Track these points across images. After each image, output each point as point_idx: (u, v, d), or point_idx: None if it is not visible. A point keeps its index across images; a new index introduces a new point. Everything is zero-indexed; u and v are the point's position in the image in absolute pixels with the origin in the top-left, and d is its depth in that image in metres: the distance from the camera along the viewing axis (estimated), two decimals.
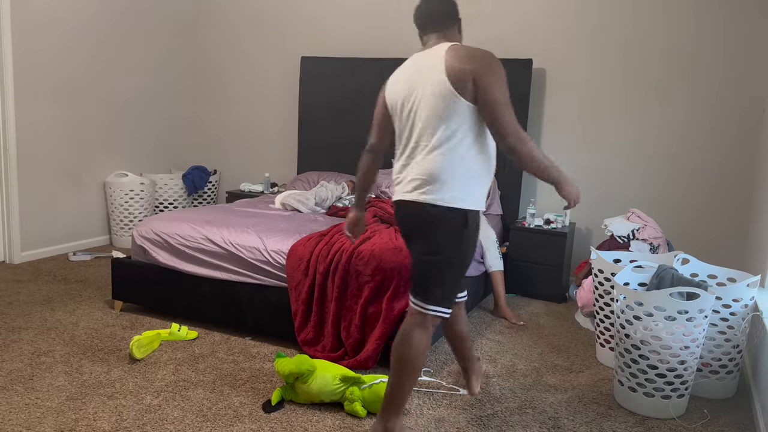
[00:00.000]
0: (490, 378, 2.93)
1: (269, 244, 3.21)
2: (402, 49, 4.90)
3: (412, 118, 2.16)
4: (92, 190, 5.08)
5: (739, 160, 4.05)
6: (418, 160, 2.13)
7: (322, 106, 5.15)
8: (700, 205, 4.18)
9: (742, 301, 2.70)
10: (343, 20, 5.14)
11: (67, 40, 4.70)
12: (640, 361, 2.60)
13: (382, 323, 2.87)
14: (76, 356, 2.95)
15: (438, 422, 2.50)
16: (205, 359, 2.99)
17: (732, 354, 2.77)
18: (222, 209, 3.89)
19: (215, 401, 2.58)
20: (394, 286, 2.90)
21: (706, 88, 4.10)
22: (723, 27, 4.01)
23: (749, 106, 4.00)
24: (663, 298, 2.51)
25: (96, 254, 4.77)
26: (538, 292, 4.19)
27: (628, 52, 4.27)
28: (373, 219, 3.63)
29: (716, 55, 4.05)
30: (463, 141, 2.08)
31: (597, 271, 3.11)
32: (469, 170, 2.11)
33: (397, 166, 2.24)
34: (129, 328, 3.34)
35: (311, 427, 2.42)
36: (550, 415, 2.61)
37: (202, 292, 3.34)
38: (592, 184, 4.47)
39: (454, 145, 2.08)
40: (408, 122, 2.18)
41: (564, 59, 4.46)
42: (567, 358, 3.24)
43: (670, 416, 2.62)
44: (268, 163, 5.64)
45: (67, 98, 4.77)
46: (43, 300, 3.73)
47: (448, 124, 2.07)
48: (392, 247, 3.00)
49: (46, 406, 2.48)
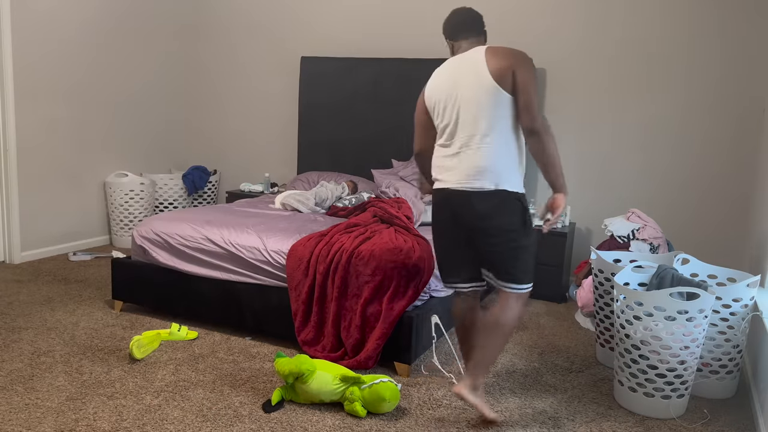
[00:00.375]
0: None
1: (269, 244, 3.21)
2: (402, 49, 4.90)
3: (457, 114, 2.39)
4: (92, 190, 5.08)
5: (739, 160, 4.05)
6: (470, 153, 2.37)
7: (322, 106, 5.15)
8: (700, 205, 4.19)
9: (742, 301, 2.70)
10: (343, 20, 5.14)
11: (67, 40, 4.70)
12: (640, 361, 2.60)
13: (382, 323, 2.87)
14: (76, 356, 2.95)
15: (438, 422, 2.50)
16: (205, 359, 2.99)
17: (732, 354, 2.77)
18: (222, 209, 3.89)
19: (215, 401, 2.58)
20: (394, 286, 2.90)
21: (706, 88, 4.10)
22: (721, 26, 4.01)
23: (749, 107, 4.00)
24: (663, 298, 2.51)
25: (96, 254, 4.77)
26: (538, 292, 4.19)
27: (628, 53, 4.27)
28: (373, 219, 3.63)
29: (716, 56, 4.05)
30: (507, 131, 2.36)
31: (597, 271, 3.11)
32: (514, 158, 2.39)
33: (443, 159, 2.45)
34: (129, 328, 3.34)
35: (311, 427, 2.42)
36: (550, 415, 2.61)
37: (202, 292, 3.34)
38: (592, 184, 4.47)
39: (500, 135, 2.35)
40: (453, 117, 2.40)
41: (564, 59, 4.46)
42: (567, 358, 3.24)
43: (670, 416, 2.62)
44: (268, 163, 5.64)
45: (68, 98, 4.77)
46: (43, 300, 3.73)
47: (498, 116, 2.34)
48: (392, 247, 2.99)
49: (46, 406, 2.48)
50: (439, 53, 4.74)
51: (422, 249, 3.01)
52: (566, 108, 4.49)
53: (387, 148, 4.90)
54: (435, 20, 4.81)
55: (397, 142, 4.87)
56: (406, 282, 2.90)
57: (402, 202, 3.93)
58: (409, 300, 2.88)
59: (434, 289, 3.13)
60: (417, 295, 2.91)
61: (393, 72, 4.82)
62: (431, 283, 3.07)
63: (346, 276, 3.00)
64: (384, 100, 4.89)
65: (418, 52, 4.84)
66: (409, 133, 4.81)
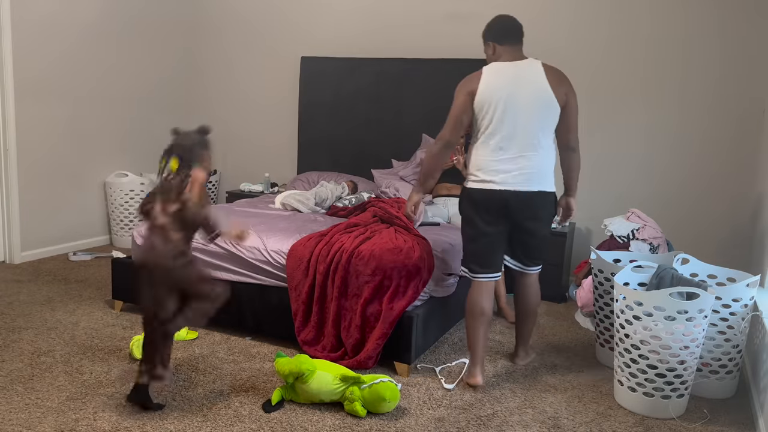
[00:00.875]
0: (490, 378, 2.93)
1: (269, 244, 3.21)
2: (402, 49, 4.90)
3: (517, 120, 2.65)
4: (92, 190, 5.09)
5: (739, 160, 4.05)
6: (532, 158, 2.68)
7: (322, 106, 5.15)
8: (700, 205, 4.18)
9: (742, 301, 2.70)
10: (343, 20, 5.14)
11: (67, 40, 4.70)
12: (639, 361, 2.60)
13: (382, 323, 2.87)
14: (76, 356, 2.95)
15: (438, 422, 2.50)
16: (205, 359, 2.99)
17: (732, 354, 2.77)
18: (222, 209, 3.90)
19: (215, 401, 2.58)
20: (394, 286, 2.90)
21: (706, 88, 4.10)
22: (721, 26, 4.01)
23: (749, 107, 4.00)
24: (663, 298, 2.51)
25: (96, 254, 4.77)
26: None
27: (628, 53, 4.27)
28: (373, 219, 3.63)
29: (716, 56, 4.05)
30: (552, 141, 2.76)
31: (597, 271, 3.11)
32: (554, 164, 2.78)
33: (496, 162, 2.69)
34: (129, 328, 3.34)
35: (311, 427, 2.42)
36: (550, 415, 2.61)
37: None
38: (592, 184, 4.47)
39: (550, 143, 2.74)
40: (513, 123, 2.66)
41: (563, 59, 4.43)
42: (567, 358, 3.24)
43: (669, 416, 2.62)
44: (268, 163, 5.64)
45: (68, 98, 4.77)
46: (43, 300, 3.73)
47: (548, 127, 2.71)
48: (392, 247, 3.00)
49: (46, 406, 2.48)
50: (439, 53, 4.74)
51: (422, 249, 3.01)
52: None
53: (387, 148, 4.90)
54: (435, 20, 4.81)
55: (397, 142, 4.87)
56: (406, 282, 2.90)
57: (402, 202, 3.93)
58: (409, 300, 2.88)
59: (434, 289, 3.13)
60: (417, 295, 2.91)
61: (393, 72, 4.82)
62: (431, 283, 3.07)
63: (346, 276, 3.00)
64: (384, 100, 4.89)
65: (418, 52, 4.84)
66: (409, 133, 4.82)
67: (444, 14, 4.79)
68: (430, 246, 3.11)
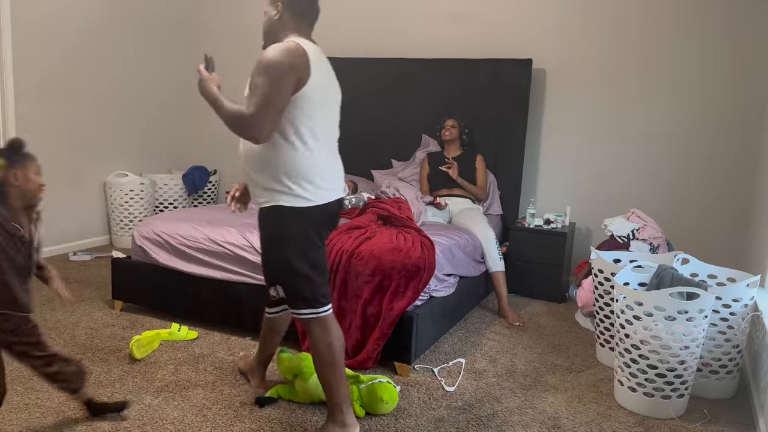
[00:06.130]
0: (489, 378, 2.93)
1: None
2: (403, 49, 4.90)
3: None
4: (92, 190, 5.08)
5: (739, 160, 4.05)
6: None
7: None
8: (700, 204, 4.18)
9: (742, 301, 2.70)
10: (344, 20, 5.14)
11: (67, 40, 4.70)
12: (639, 361, 2.60)
13: (381, 323, 2.86)
14: (76, 356, 2.95)
15: (438, 422, 2.50)
16: (205, 359, 2.99)
17: (732, 354, 2.77)
18: (222, 209, 3.89)
19: (215, 401, 2.58)
20: (394, 286, 2.89)
21: (706, 88, 4.10)
22: (724, 26, 4.01)
23: (749, 107, 4.00)
24: (663, 298, 2.51)
25: (96, 254, 4.77)
26: (538, 292, 4.19)
27: (628, 53, 4.27)
28: (373, 219, 3.62)
29: (716, 56, 4.05)
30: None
31: (597, 271, 3.11)
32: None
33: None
34: (129, 328, 3.34)
35: (311, 426, 2.42)
36: (550, 415, 2.61)
37: (202, 292, 3.34)
38: (592, 183, 4.47)
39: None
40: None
41: (564, 59, 4.46)
42: (567, 358, 3.24)
43: (670, 416, 2.62)
44: None
45: (67, 98, 4.77)
46: (43, 300, 3.72)
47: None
48: (392, 247, 2.99)
49: (46, 406, 2.48)
50: (440, 53, 4.74)
51: (425, 248, 3.01)
52: (566, 108, 4.49)
53: (387, 148, 4.90)
54: (435, 20, 4.81)
55: (397, 142, 4.86)
56: (405, 282, 2.90)
57: (401, 202, 3.93)
58: (408, 300, 2.88)
59: (434, 289, 3.13)
60: (417, 295, 2.91)
61: (394, 72, 4.82)
62: (431, 283, 3.07)
63: (346, 276, 3.00)
64: (384, 100, 4.89)
65: (418, 52, 4.84)
66: (409, 133, 4.82)
67: (444, 14, 4.79)
68: (434, 246, 3.10)
